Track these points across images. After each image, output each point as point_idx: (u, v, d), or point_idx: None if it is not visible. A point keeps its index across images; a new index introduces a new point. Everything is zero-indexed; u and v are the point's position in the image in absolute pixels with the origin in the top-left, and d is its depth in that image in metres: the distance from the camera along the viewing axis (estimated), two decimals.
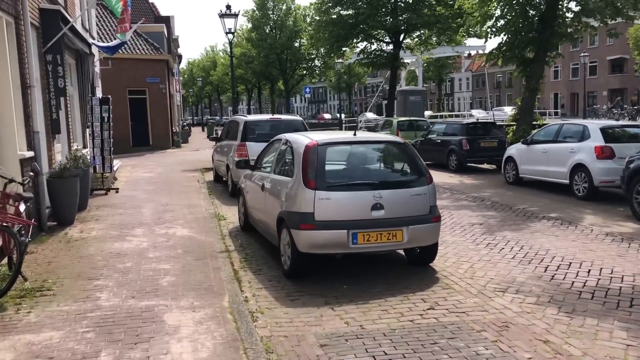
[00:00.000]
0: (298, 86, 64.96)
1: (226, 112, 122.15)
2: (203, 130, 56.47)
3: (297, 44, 55.37)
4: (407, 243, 6.07)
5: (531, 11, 17.44)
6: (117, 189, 12.69)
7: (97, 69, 19.10)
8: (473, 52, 68.95)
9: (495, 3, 17.70)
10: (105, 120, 12.18)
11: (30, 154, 8.31)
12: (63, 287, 5.91)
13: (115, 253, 7.35)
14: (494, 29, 17.73)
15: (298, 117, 13.02)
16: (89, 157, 12.35)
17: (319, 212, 5.88)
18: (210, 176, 16.26)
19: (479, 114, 55.86)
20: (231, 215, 10.08)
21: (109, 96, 12.44)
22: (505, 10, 17.54)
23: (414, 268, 6.60)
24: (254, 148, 11.77)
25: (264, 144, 12.15)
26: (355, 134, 6.48)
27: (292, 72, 57.29)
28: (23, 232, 6.19)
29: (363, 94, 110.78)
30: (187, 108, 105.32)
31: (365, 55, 29.04)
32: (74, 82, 14.37)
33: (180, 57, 51.14)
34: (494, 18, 17.79)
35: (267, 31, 54.96)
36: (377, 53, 29.18)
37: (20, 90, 8.14)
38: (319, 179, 5.97)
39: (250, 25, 56.43)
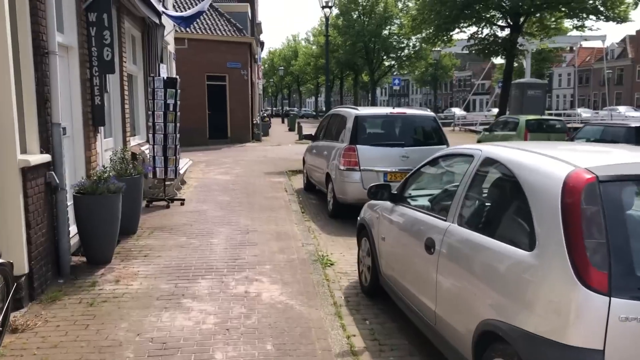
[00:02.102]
0: (382, 78, 61.14)
1: (305, 103, 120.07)
2: (283, 122, 53.96)
3: (386, 32, 51.50)
4: None
5: None
6: (183, 200, 9.68)
7: (172, 47, 16.38)
8: (584, 43, 61.92)
9: None
10: (171, 108, 9.17)
11: (44, 158, 5.30)
12: None
13: (159, 344, 4.16)
14: None
15: (428, 112, 9.49)
16: (149, 157, 9.43)
17: (615, 353, 2.39)
18: (298, 181, 13.06)
19: (585, 114, 49.86)
20: (339, 256, 6.76)
21: (177, 77, 9.44)
22: None
23: None
24: (367, 154, 8.44)
25: (382, 149, 8.78)
26: None
27: (379, 62, 53.48)
28: None
29: (448, 88, 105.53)
30: (266, 98, 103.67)
31: (476, 41, 24.91)
32: (138, 60, 11.55)
33: (262, 44, 48.71)
34: None
35: (355, 17, 51.37)
36: (490, 39, 24.97)
37: (30, 59, 5.14)
38: (617, 267, 2.46)
39: (337, 11, 53.06)
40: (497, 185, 3.44)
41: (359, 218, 5.80)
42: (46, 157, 5.36)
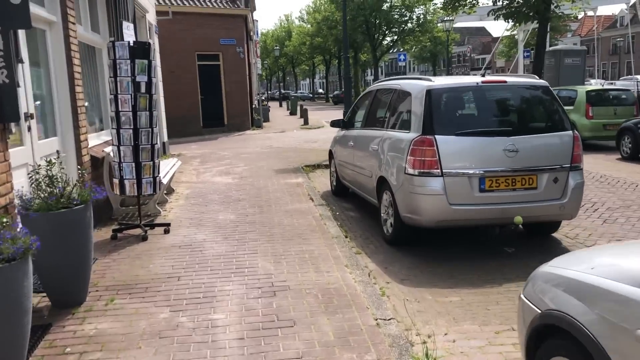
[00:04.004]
0: (384, 55, 57.70)
1: (300, 85, 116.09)
2: (281, 105, 50.73)
3: (387, 5, 48.02)
4: None
5: None
6: (167, 225, 6.56)
7: (152, 18, 13.18)
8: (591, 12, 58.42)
9: None
10: (143, 89, 6.05)
11: None
12: None
13: None
14: None
15: (537, 80, 6.27)
16: (115, 162, 6.29)
17: None
18: (320, 181, 10.07)
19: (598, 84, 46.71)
20: (446, 342, 3.73)
21: (150, 41, 6.27)
22: None
23: None
24: (452, 149, 5.41)
25: (475, 140, 5.36)
26: None
27: (382, 38, 50.05)
28: None
29: (446, 64, 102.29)
30: (260, 82, 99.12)
31: (505, 4, 21.64)
32: (102, 28, 8.43)
33: (256, 22, 45.17)
34: None
35: None
36: (521, 1, 21.70)
37: None
38: None
39: None
40: None
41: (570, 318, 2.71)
42: None
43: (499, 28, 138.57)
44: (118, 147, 6.08)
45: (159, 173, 6.35)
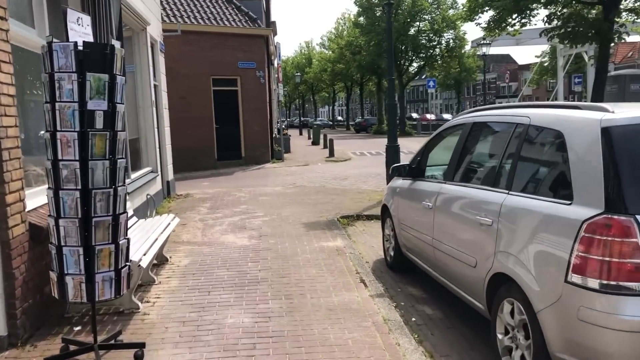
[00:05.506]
0: (410, 82, 55.49)
1: (320, 113, 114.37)
2: (301, 133, 48.51)
3: (414, 30, 45.91)
4: None
5: None
6: (140, 347, 3.99)
7: (155, 33, 10.92)
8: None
9: None
10: (98, 123, 3.61)
11: None
12: None
13: None
14: None
15: None
16: (53, 245, 3.78)
17: None
18: (364, 240, 7.55)
19: None
20: None
21: (114, 43, 3.88)
22: None
23: None
24: None
25: None
26: None
27: (408, 64, 47.85)
28: None
29: (471, 91, 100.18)
30: (278, 109, 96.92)
31: (561, 23, 19.18)
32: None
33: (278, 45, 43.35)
34: None
35: (378, 14, 45.80)
36: (577, 21, 19.22)
37: None
38: None
39: (358, 9, 47.58)
40: None
41: None
42: None
43: (524, 55, 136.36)
44: (56, 221, 3.60)
45: (126, 261, 3.85)
